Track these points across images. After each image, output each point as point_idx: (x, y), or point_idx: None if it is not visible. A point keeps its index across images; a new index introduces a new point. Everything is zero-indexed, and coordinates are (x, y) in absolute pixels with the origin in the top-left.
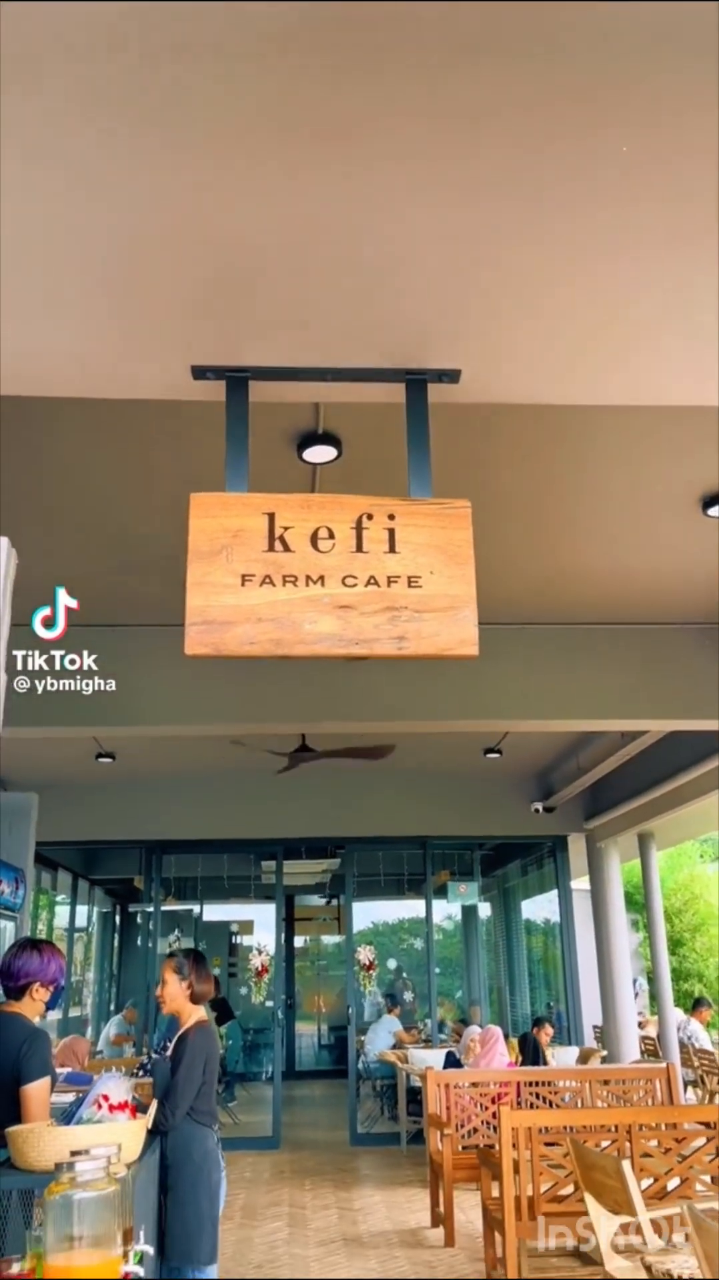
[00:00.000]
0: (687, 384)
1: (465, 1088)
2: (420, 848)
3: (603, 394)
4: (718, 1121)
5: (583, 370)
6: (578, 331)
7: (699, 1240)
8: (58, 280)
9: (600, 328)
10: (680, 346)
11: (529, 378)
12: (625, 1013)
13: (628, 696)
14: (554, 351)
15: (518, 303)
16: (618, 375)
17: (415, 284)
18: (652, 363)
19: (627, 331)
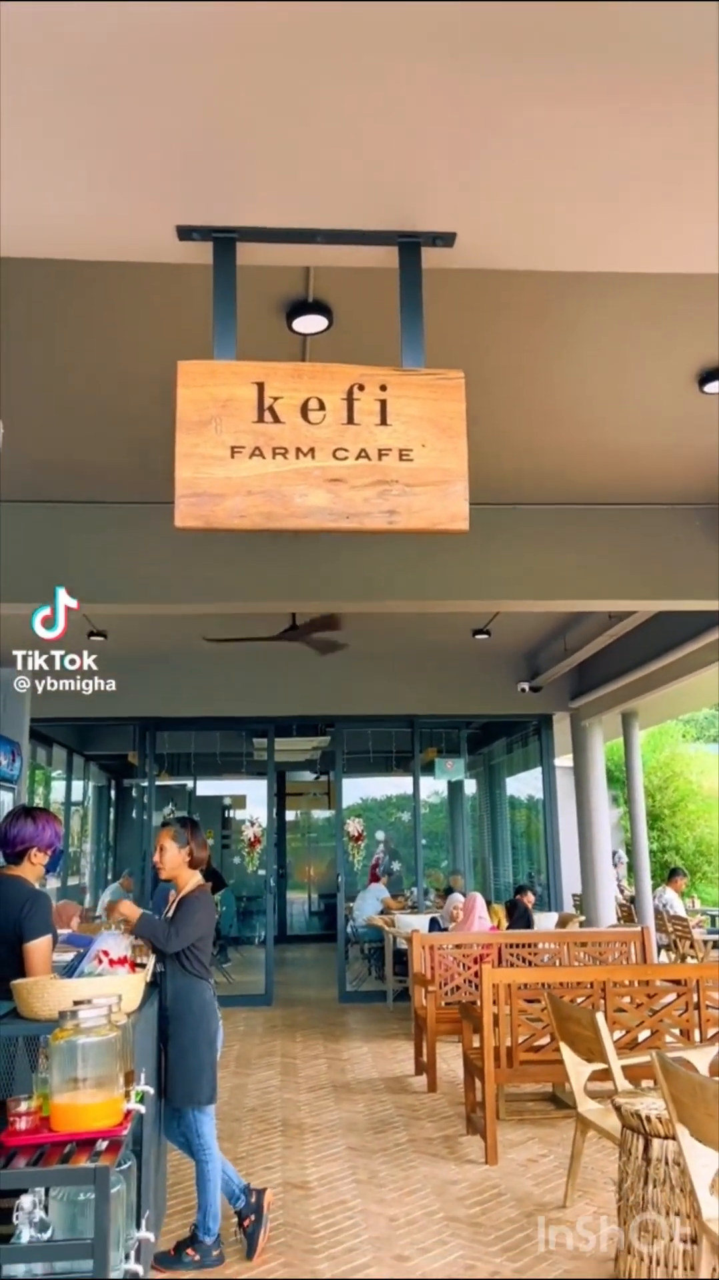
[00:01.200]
0: (687, 251)
1: (449, 949)
2: (409, 726)
3: (600, 259)
4: (688, 979)
5: (580, 235)
6: (576, 194)
7: (666, 1083)
8: (35, 134)
9: (599, 191)
10: (681, 212)
11: (525, 242)
12: (604, 882)
13: (620, 577)
14: (551, 215)
15: (515, 164)
16: (615, 241)
17: (410, 143)
18: (651, 228)
19: (626, 195)
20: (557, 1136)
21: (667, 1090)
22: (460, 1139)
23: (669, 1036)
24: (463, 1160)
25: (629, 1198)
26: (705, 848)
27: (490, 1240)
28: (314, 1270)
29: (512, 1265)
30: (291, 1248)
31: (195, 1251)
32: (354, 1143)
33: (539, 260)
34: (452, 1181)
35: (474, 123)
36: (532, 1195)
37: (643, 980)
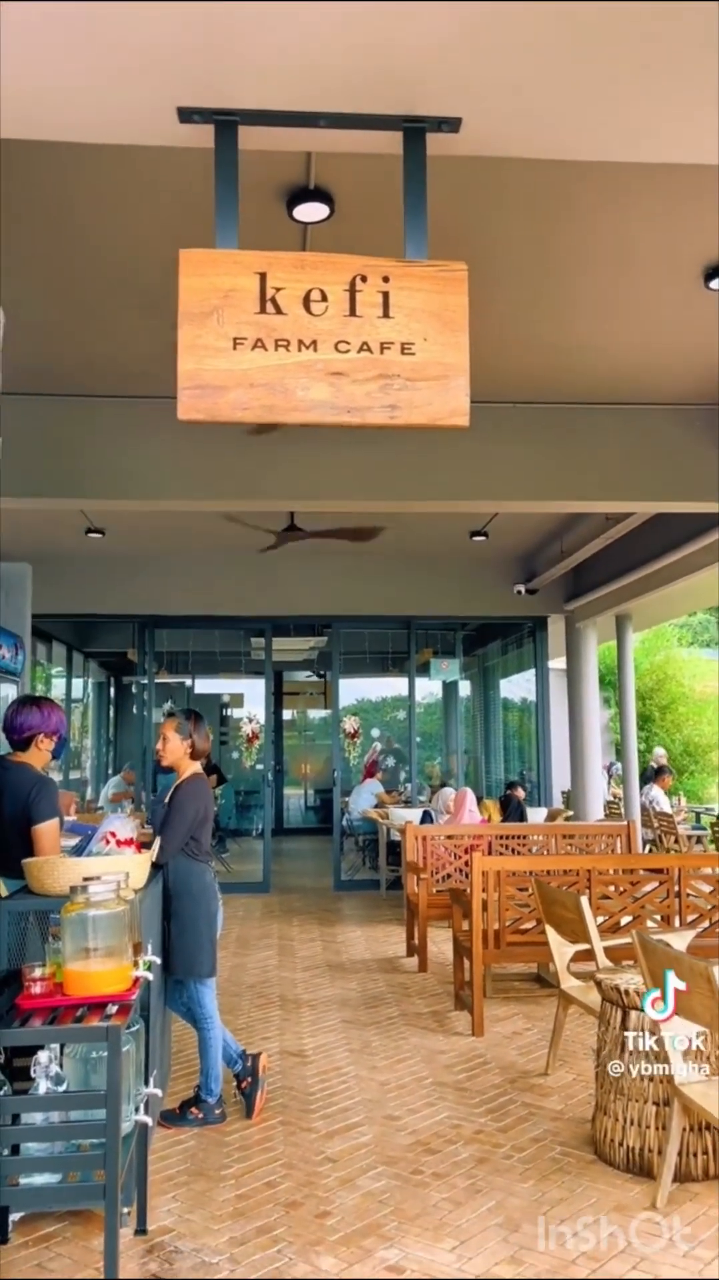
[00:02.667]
0: (696, 142)
1: (441, 840)
2: (405, 627)
3: (606, 148)
4: (670, 869)
5: (586, 123)
6: (583, 80)
7: (645, 959)
8: (34, 13)
9: (606, 77)
10: (690, 102)
11: (531, 129)
12: (592, 781)
13: (620, 478)
14: (557, 101)
15: (522, 47)
16: (622, 128)
17: (414, 23)
18: (658, 117)
19: (633, 82)
20: (540, 1012)
21: (645, 965)
22: (449, 1014)
23: (650, 922)
24: (451, 1033)
25: (607, 1065)
26: (694, 749)
27: (475, 1103)
28: (309, 1127)
29: (495, 1125)
30: (288, 1108)
31: (199, 1110)
32: (348, 1016)
33: (545, 149)
34: (440, 1051)
35: (479, 6)
36: (515, 1064)
37: (627, 869)
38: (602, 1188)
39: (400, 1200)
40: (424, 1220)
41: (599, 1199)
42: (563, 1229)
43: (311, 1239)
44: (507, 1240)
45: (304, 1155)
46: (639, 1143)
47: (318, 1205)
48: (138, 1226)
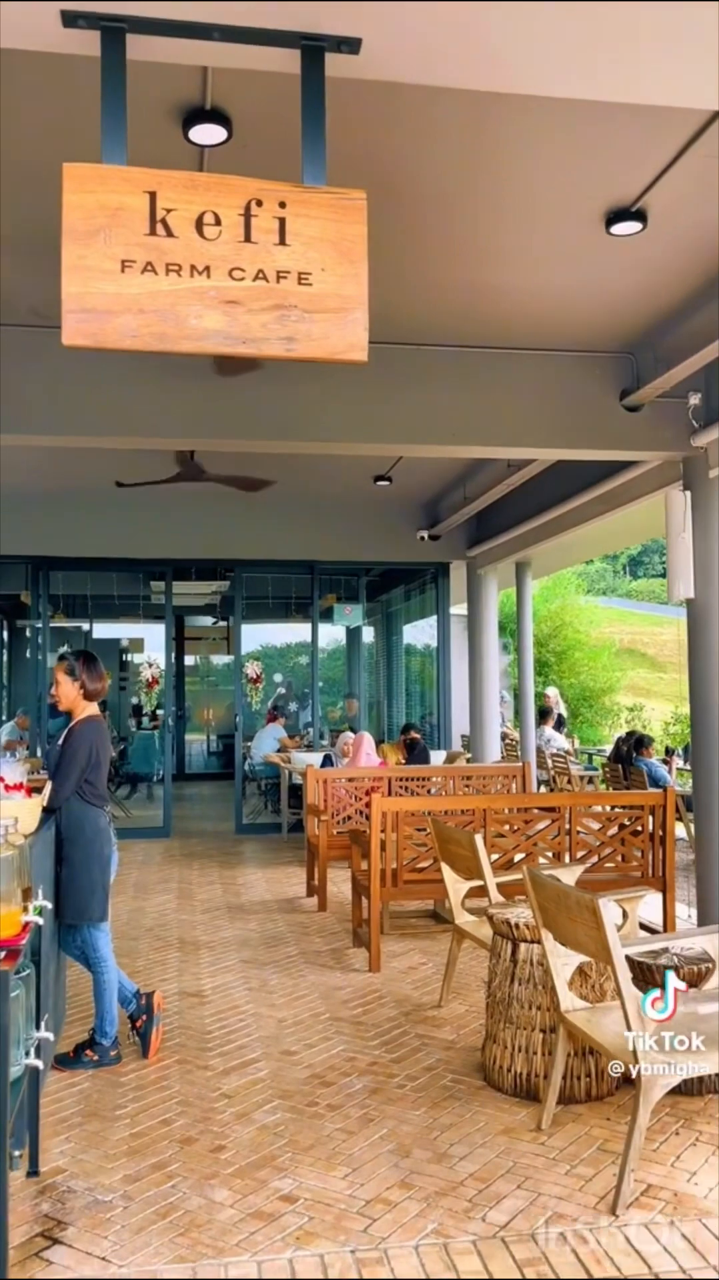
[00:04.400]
0: (601, 77)
1: (342, 783)
2: (308, 572)
3: (509, 79)
4: (562, 807)
5: (491, 51)
6: (489, 5)
7: (535, 893)
8: None
9: (510, 4)
10: (597, 33)
11: (433, 55)
12: (491, 724)
13: (524, 424)
14: (461, 27)
15: None
16: (525, 60)
17: None
18: (563, 48)
19: (539, 11)
20: (435, 948)
21: (535, 899)
22: (347, 951)
23: (542, 859)
24: (348, 969)
25: (497, 995)
26: (589, 694)
27: (370, 1036)
28: (206, 1065)
29: (389, 1056)
30: (185, 1047)
31: (94, 1052)
32: (247, 956)
33: (447, 75)
34: (337, 987)
35: None
36: (410, 997)
37: (521, 808)
38: (490, 1112)
39: (295, 1132)
40: (318, 1150)
41: (488, 1123)
42: (452, 1151)
43: (206, 1173)
44: (398, 1166)
45: (200, 1092)
46: (526, 1068)
47: (213, 1140)
48: (30, 1169)
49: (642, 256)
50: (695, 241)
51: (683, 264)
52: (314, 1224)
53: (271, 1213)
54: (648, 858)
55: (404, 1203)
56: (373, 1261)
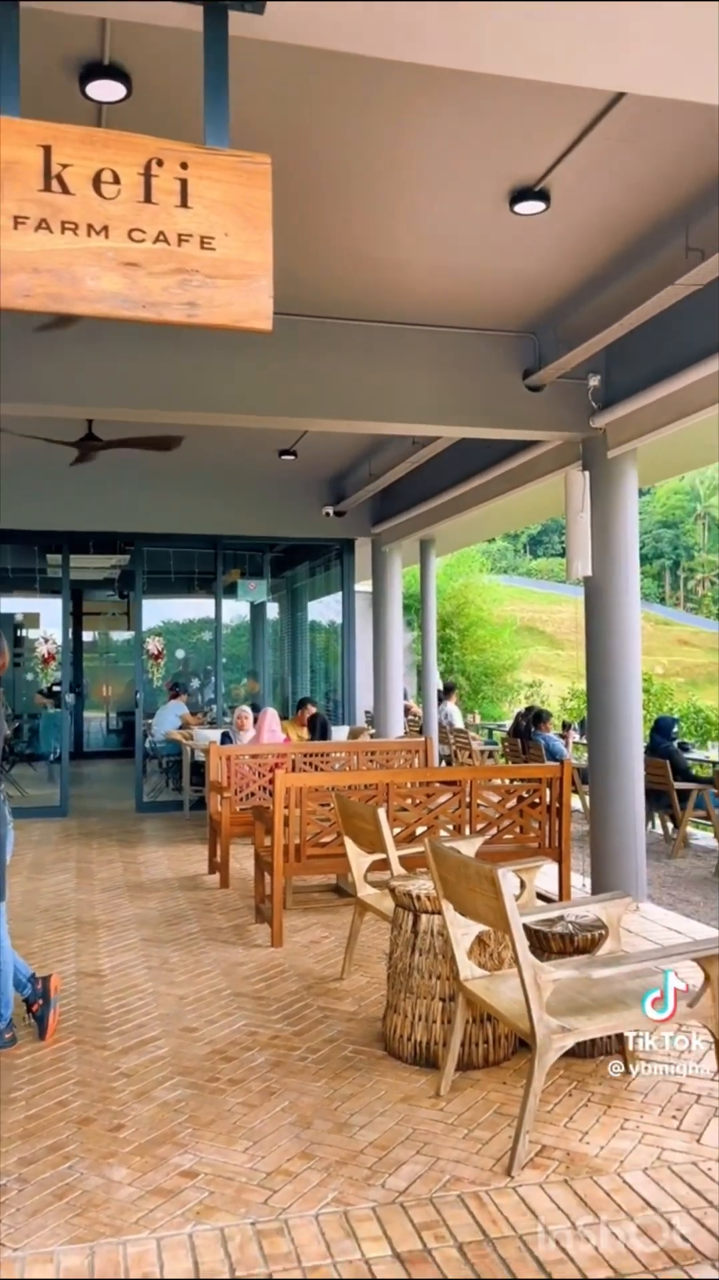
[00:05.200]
0: (506, 53)
1: (246, 759)
2: (212, 547)
3: (415, 49)
4: (462, 780)
5: (395, 19)
6: None
7: (436, 865)
8: None
9: None
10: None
11: (340, 19)
12: (394, 700)
13: (429, 401)
14: None
15: None
16: (431, 31)
17: None
18: (469, 22)
19: None
20: (338, 921)
21: (436, 871)
22: (249, 927)
23: (443, 831)
24: (251, 945)
25: (398, 966)
26: (490, 670)
27: (272, 1010)
28: (104, 1045)
29: (291, 1030)
30: (83, 1027)
31: None
32: (147, 935)
33: (352, 41)
34: (239, 963)
35: None
36: (312, 971)
37: (423, 782)
38: (390, 1081)
39: (195, 1108)
40: (218, 1125)
41: (388, 1091)
42: (353, 1121)
43: (104, 1153)
44: (299, 1137)
45: (98, 1073)
46: (426, 1037)
47: (111, 1120)
48: None
49: (544, 237)
50: (597, 224)
51: (584, 246)
52: (214, 1198)
53: (171, 1189)
54: (545, 829)
55: (305, 1173)
56: (273, 1232)
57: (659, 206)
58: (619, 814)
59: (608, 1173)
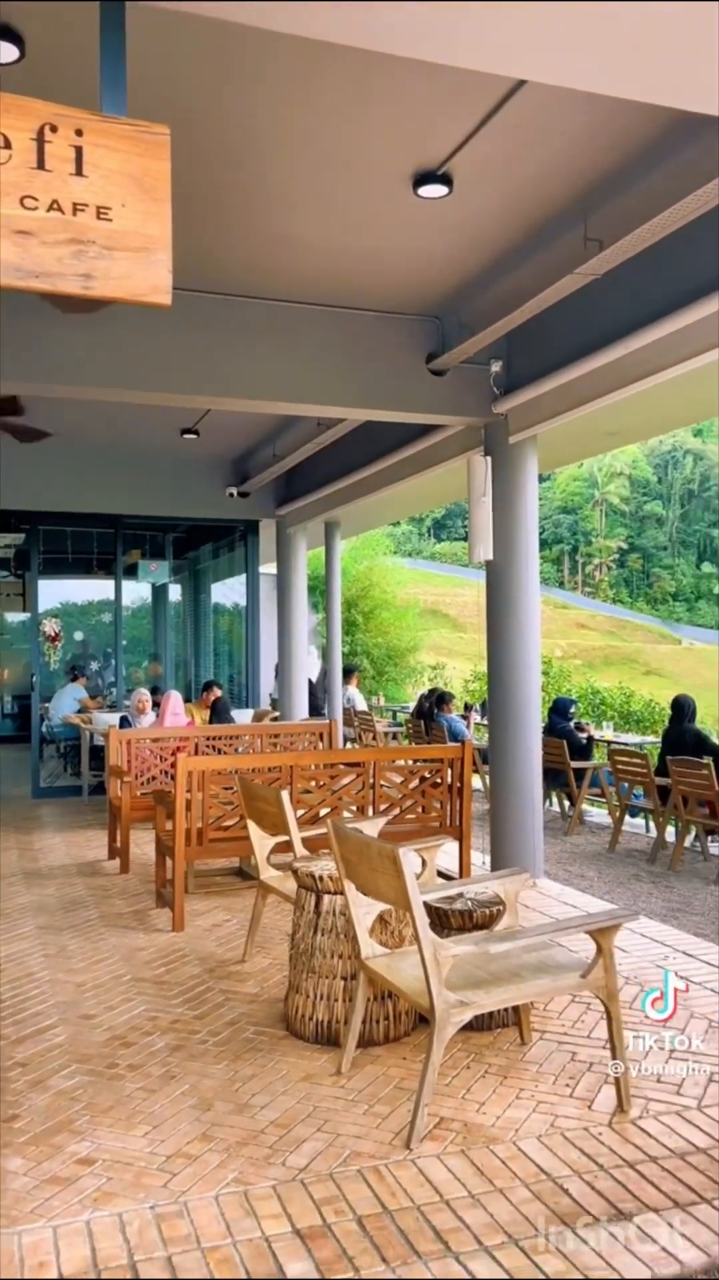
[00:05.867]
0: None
1: (147, 743)
2: (112, 527)
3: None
4: (366, 762)
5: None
6: None
7: (338, 845)
8: None
9: None
10: None
11: None
12: (299, 682)
13: (333, 383)
14: None
15: None
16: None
17: None
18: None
19: None
20: (240, 904)
21: (338, 852)
22: (150, 912)
23: (347, 813)
24: (151, 930)
25: (300, 947)
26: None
27: (173, 995)
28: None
29: (192, 1013)
30: None
31: None
32: (44, 922)
33: (248, 13)
34: (139, 948)
35: None
36: (214, 954)
37: (327, 764)
38: (292, 1060)
39: (93, 1095)
40: (117, 1111)
41: (289, 1071)
42: (254, 1101)
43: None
44: (199, 1120)
45: None
46: (328, 1016)
47: (5, 1110)
48: None
49: (448, 221)
50: (498, 210)
51: (486, 231)
52: (113, 1184)
53: (68, 1177)
54: (446, 808)
55: (205, 1155)
56: (172, 1215)
57: (559, 195)
58: (518, 793)
59: (504, 1141)
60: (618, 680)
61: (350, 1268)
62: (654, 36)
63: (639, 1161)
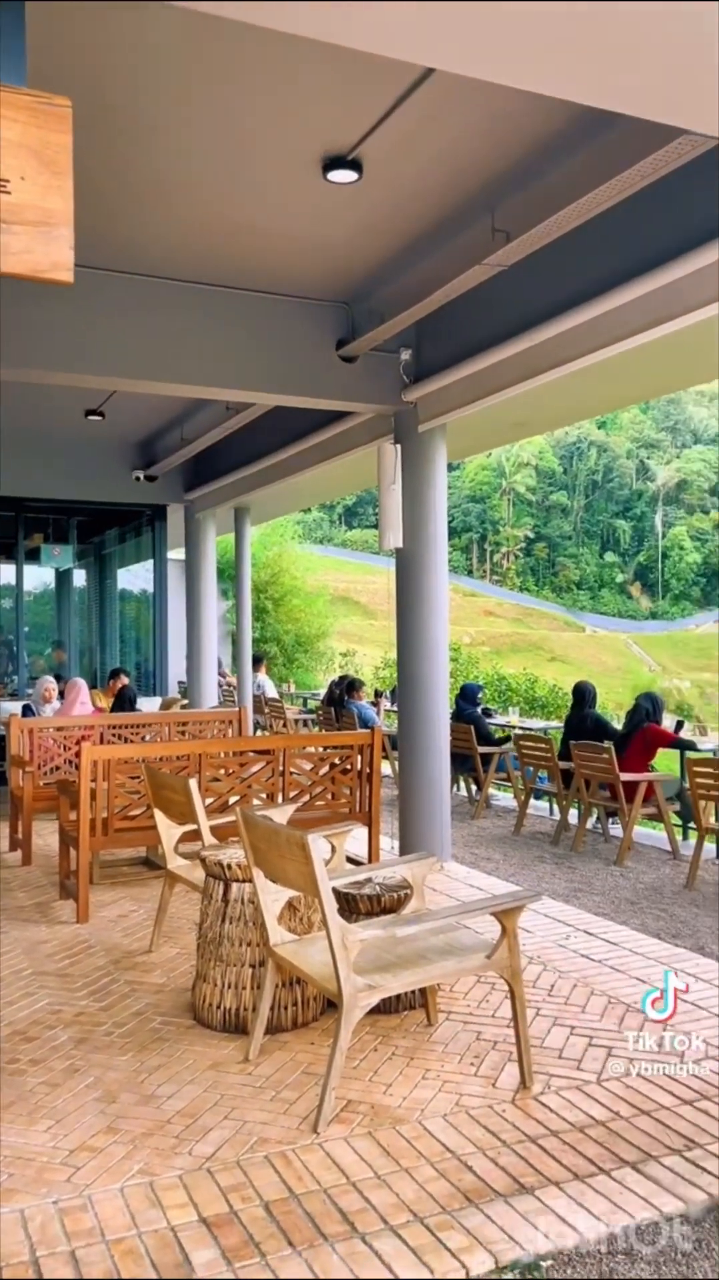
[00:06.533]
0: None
1: (50, 732)
2: (12, 510)
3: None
4: (275, 749)
5: None
6: None
7: (247, 833)
8: None
9: None
10: None
11: None
12: (208, 670)
13: (240, 366)
14: None
15: None
16: None
17: None
18: None
19: None
20: (147, 894)
21: (247, 839)
22: (53, 904)
23: (256, 800)
24: (55, 922)
25: (208, 935)
26: (304, 640)
27: (78, 987)
28: None
29: (96, 1005)
30: None
31: None
32: None
33: None
34: (41, 941)
35: None
36: (120, 945)
37: (237, 752)
38: (199, 1049)
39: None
40: (18, 1107)
41: (196, 1060)
42: (160, 1092)
43: None
44: (104, 1112)
45: None
46: (236, 1003)
47: None
48: None
49: (357, 207)
50: (408, 198)
51: (396, 219)
52: (14, 1180)
53: None
54: (356, 795)
55: (110, 1148)
56: (76, 1209)
57: (468, 186)
58: (426, 778)
59: (410, 1121)
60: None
61: (257, 1253)
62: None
63: (541, 1136)
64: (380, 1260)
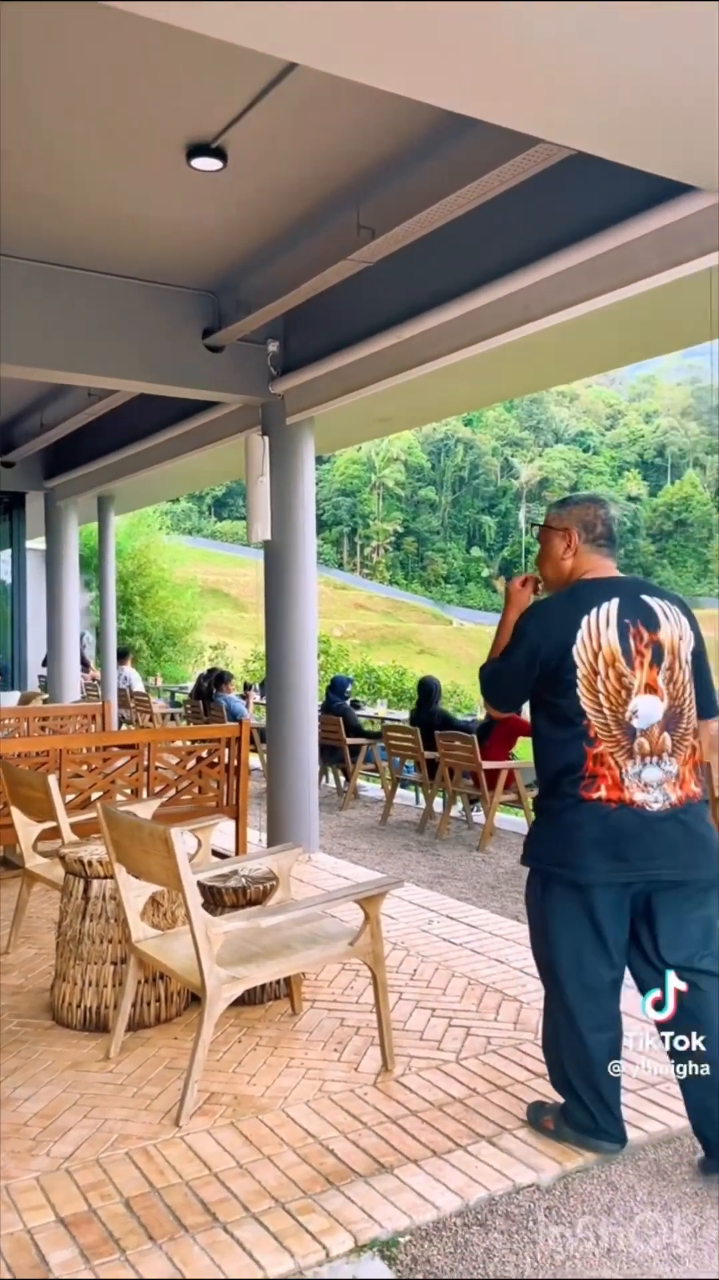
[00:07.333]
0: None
1: None
2: None
3: None
4: (140, 744)
5: None
6: None
7: (108, 829)
8: None
9: None
10: None
11: None
12: (70, 663)
13: (102, 352)
14: None
15: None
16: None
17: None
18: None
19: None
20: (5, 894)
21: (109, 835)
22: None
23: (120, 796)
24: None
25: (68, 934)
26: (172, 632)
27: None
28: None
29: None
30: None
31: None
32: None
33: None
34: None
35: None
36: None
37: (100, 747)
38: (59, 1050)
39: None
40: None
41: (55, 1060)
42: (16, 1094)
43: None
44: None
45: None
46: (96, 1001)
47: None
48: None
49: (222, 196)
50: (272, 189)
51: (261, 210)
52: None
53: None
54: (224, 788)
55: None
56: None
57: (333, 180)
58: (294, 770)
59: (273, 1110)
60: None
61: (116, 1249)
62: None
63: (401, 1116)
64: (242, 1248)
